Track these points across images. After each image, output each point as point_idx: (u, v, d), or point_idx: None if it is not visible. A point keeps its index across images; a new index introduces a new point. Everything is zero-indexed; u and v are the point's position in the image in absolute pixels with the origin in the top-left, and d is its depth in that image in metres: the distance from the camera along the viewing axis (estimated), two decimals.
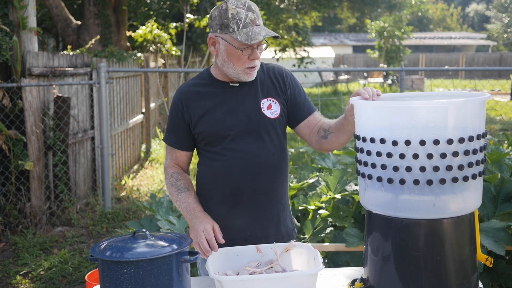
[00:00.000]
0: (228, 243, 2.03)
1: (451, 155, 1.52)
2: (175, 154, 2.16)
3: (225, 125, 2.03)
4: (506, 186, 3.10)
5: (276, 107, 2.08)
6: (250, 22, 1.92)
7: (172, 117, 2.14)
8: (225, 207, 2.08)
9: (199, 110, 2.06)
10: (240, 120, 2.03)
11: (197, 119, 2.06)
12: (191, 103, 2.07)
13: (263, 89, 2.09)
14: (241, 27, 1.92)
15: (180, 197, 2.07)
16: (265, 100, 2.07)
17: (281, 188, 2.12)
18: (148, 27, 8.99)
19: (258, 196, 2.06)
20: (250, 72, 2.01)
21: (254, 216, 2.07)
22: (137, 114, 8.51)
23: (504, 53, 32.44)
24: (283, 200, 2.15)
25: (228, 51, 1.97)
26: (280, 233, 2.13)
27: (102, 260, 1.58)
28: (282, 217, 2.14)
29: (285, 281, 1.65)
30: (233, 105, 2.04)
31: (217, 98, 2.06)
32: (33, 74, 5.19)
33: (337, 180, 3.36)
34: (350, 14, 23.04)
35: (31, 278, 4.25)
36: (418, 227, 1.57)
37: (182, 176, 2.13)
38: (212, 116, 2.04)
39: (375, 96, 1.76)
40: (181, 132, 2.11)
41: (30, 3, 5.45)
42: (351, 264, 3.16)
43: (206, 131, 2.05)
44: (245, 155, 2.02)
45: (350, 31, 41.03)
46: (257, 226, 2.08)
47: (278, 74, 2.13)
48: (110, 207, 5.86)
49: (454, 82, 17.79)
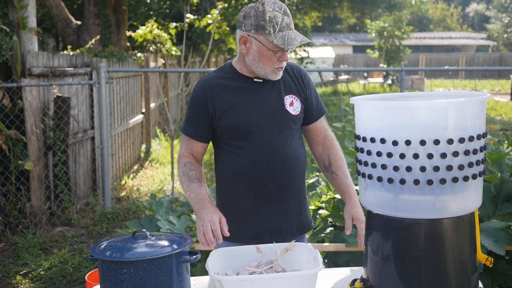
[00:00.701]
0: (254, 237, 2.11)
1: (451, 155, 1.52)
2: (192, 145, 2.17)
3: (250, 120, 2.07)
4: (506, 186, 3.10)
5: (297, 104, 2.14)
6: (286, 26, 1.98)
7: (193, 108, 2.14)
8: (249, 202, 2.12)
9: (223, 103, 2.08)
10: (266, 116, 2.08)
11: (222, 113, 2.08)
12: (215, 95, 2.10)
13: (285, 86, 2.15)
14: (277, 31, 1.98)
15: (190, 187, 2.09)
16: (287, 97, 2.13)
17: (302, 180, 2.21)
18: (148, 27, 9.00)
19: (283, 190, 2.12)
20: (278, 72, 2.08)
21: (279, 209, 2.12)
22: (137, 114, 8.51)
23: (504, 53, 32.45)
24: (303, 192, 2.23)
25: (260, 51, 2.02)
26: (302, 224, 2.21)
27: (102, 260, 1.58)
28: (303, 208, 2.22)
29: (285, 281, 1.65)
30: (258, 101, 2.09)
31: (242, 93, 2.10)
32: (33, 74, 5.19)
33: None
34: (350, 14, 23.04)
35: (31, 278, 4.25)
36: (418, 227, 1.57)
37: (195, 166, 2.15)
38: (237, 110, 2.07)
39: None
40: (202, 124, 2.12)
41: (30, 3, 5.45)
42: (351, 264, 3.16)
43: (231, 125, 2.08)
44: (271, 151, 2.08)
45: (350, 31, 41.03)
46: (282, 218, 2.13)
47: (297, 72, 2.20)
48: (110, 207, 5.86)
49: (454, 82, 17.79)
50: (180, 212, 4.01)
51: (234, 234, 2.11)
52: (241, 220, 2.13)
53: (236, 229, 2.11)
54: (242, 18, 2.05)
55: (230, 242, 2.14)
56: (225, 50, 16.91)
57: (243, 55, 2.09)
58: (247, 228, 2.12)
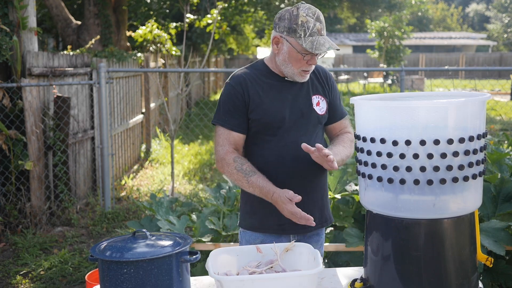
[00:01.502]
0: (278, 228, 2.18)
1: (451, 155, 1.52)
2: (233, 138, 2.18)
3: (281, 117, 2.15)
4: (506, 186, 3.10)
5: (323, 105, 2.24)
6: (317, 31, 2.07)
7: (231, 101, 2.17)
8: None
9: (257, 97, 2.16)
10: (295, 114, 2.17)
11: (254, 106, 2.15)
12: (250, 88, 2.17)
13: (313, 87, 2.25)
14: (308, 35, 2.06)
15: (250, 182, 2.10)
16: (314, 97, 2.23)
17: (324, 177, 2.28)
18: (148, 27, 8.99)
19: (307, 184, 2.19)
20: (305, 75, 2.17)
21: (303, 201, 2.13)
22: (137, 114, 8.51)
23: (504, 53, 32.45)
24: (325, 188, 2.31)
25: (290, 53, 2.11)
26: (323, 217, 2.28)
27: (102, 260, 1.58)
28: (325, 202, 2.30)
29: (285, 281, 1.65)
30: (289, 99, 2.18)
31: (274, 90, 2.18)
32: (33, 74, 5.19)
33: (337, 180, 3.37)
34: (350, 14, 23.05)
35: (31, 278, 4.25)
36: (418, 227, 1.57)
37: (244, 160, 2.17)
38: (269, 105, 2.15)
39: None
40: (241, 115, 2.17)
41: (30, 3, 5.45)
42: (351, 264, 3.16)
43: (262, 119, 2.15)
44: (297, 147, 2.12)
45: (350, 31, 41.03)
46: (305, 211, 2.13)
47: (323, 74, 2.30)
48: (110, 207, 5.86)
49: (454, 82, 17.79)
50: (180, 212, 4.01)
51: (259, 224, 2.22)
52: (266, 212, 2.18)
53: (260, 220, 2.21)
54: (278, 19, 2.15)
55: (255, 232, 2.23)
56: (225, 50, 16.91)
57: (275, 54, 2.18)
58: (271, 219, 2.18)
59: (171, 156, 6.58)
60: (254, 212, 2.23)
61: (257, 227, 2.22)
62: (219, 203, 3.71)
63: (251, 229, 2.24)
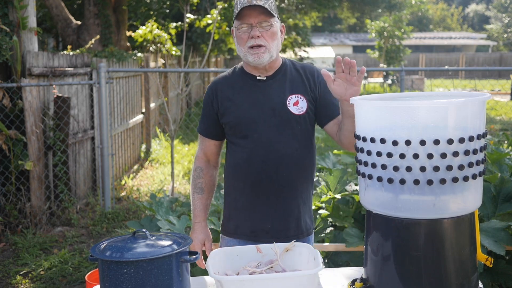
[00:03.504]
0: (250, 234, 2.13)
1: (451, 155, 1.52)
2: (205, 143, 2.24)
3: (249, 117, 2.10)
4: (506, 186, 3.10)
5: (303, 104, 2.12)
6: (246, 2, 2.00)
7: (203, 107, 2.23)
8: (247, 198, 2.14)
9: (226, 101, 2.14)
10: (265, 113, 2.09)
11: (224, 109, 2.14)
12: (219, 93, 2.16)
13: (292, 85, 2.14)
14: (239, 9, 2.02)
15: (193, 198, 2.23)
16: (292, 96, 2.11)
17: (303, 183, 2.15)
18: (148, 27, 8.99)
19: (278, 188, 2.11)
20: (254, 53, 2.05)
21: (274, 207, 2.12)
22: (137, 114, 8.51)
23: (504, 53, 32.45)
24: (304, 195, 2.18)
25: (236, 35, 2.09)
26: (299, 228, 2.18)
27: (102, 260, 1.58)
28: (303, 212, 2.19)
29: (285, 281, 1.65)
30: (259, 99, 2.11)
31: (245, 91, 2.13)
32: (33, 74, 5.19)
33: (337, 180, 3.37)
34: (350, 14, 23.04)
35: (31, 278, 4.25)
36: (418, 227, 1.57)
37: (204, 173, 2.23)
38: (238, 107, 2.11)
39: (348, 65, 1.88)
40: (211, 121, 2.20)
41: (30, 3, 5.45)
42: (351, 264, 3.16)
43: (232, 121, 2.12)
44: (267, 147, 2.08)
45: (350, 31, 41.02)
46: (278, 219, 2.13)
47: (309, 72, 2.19)
48: (110, 207, 5.85)
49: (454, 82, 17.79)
50: (180, 212, 4.01)
51: (233, 230, 2.19)
52: (240, 216, 2.17)
53: (235, 225, 2.18)
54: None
55: (230, 238, 2.20)
56: (225, 50, 16.90)
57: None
58: (245, 224, 2.15)
59: (171, 156, 6.57)
60: (230, 217, 2.20)
61: (232, 232, 2.19)
62: (219, 203, 3.71)
63: (227, 235, 2.21)
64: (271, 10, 2.02)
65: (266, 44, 2.05)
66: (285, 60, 2.22)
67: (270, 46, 2.05)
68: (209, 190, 2.24)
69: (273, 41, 2.06)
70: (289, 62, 2.22)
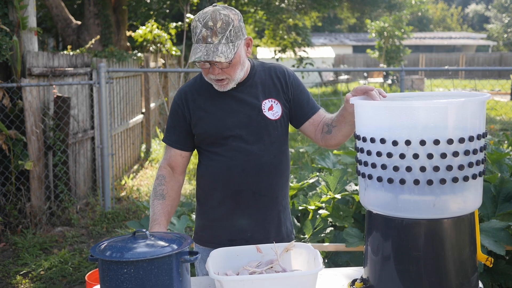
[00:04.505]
0: (229, 244, 2.05)
1: (451, 155, 1.52)
2: (170, 153, 2.14)
3: (226, 126, 2.02)
4: (506, 186, 3.10)
5: (277, 108, 2.06)
6: (202, 38, 1.87)
7: (171, 116, 2.13)
8: (225, 208, 2.08)
9: (199, 110, 2.05)
10: (241, 121, 2.02)
11: (197, 119, 2.05)
12: (191, 103, 2.06)
13: (264, 90, 2.07)
14: (194, 42, 1.91)
15: (152, 205, 2.07)
16: (266, 101, 2.05)
17: (282, 189, 2.12)
18: (148, 27, 8.99)
19: (259, 198, 2.06)
20: (219, 84, 1.98)
21: (255, 217, 2.07)
22: (137, 114, 8.51)
23: (504, 53, 32.45)
24: (283, 202, 2.14)
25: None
26: (280, 235, 2.14)
27: (102, 260, 1.58)
28: (283, 219, 2.15)
29: (285, 281, 1.65)
30: (234, 107, 2.03)
31: (217, 100, 2.04)
32: (33, 74, 5.19)
33: (337, 180, 3.36)
34: (350, 14, 23.03)
35: (31, 278, 4.25)
36: (418, 227, 1.57)
37: (166, 180, 2.10)
38: (213, 117, 2.03)
39: (382, 97, 1.75)
40: (181, 131, 2.10)
41: (30, 3, 5.45)
42: (351, 264, 3.16)
43: (207, 131, 2.04)
44: (247, 157, 2.02)
45: (350, 31, 41.01)
46: (258, 227, 2.09)
47: (279, 74, 2.11)
48: (110, 207, 5.85)
49: (454, 82, 17.79)
50: (180, 212, 4.01)
51: (209, 238, 2.12)
52: (217, 226, 2.10)
53: (212, 234, 2.11)
54: None
55: (205, 247, 2.13)
56: None
57: None
58: (222, 233, 2.08)
59: None
60: (205, 226, 2.13)
61: (208, 241, 2.11)
62: None
63: (202, 244, 2.13)
64: (228, 52, 1.87)
65: (229, 77, 1.96)
66: (253, 63, 2.11)
67: (233, 77, 1.97)
68: (172, 199, 2.09)
69: (235, 71, 1.96)
70: (258, 64, 2.13)
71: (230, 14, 1.91)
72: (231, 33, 1.90)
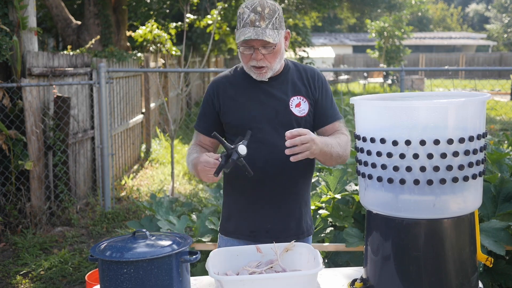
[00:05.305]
0: (250, 234, 2.13)
1: (451, 155, 1.52)
2: (199, 138, 2.23)
3: (252, 117, 2.09)
4: (506, 186, 3.10)
5: (304, 106, 2.13)
6: (249, 22, 1.97)
7: (203, 104, 2.22)
8: (246, 198, 2.13)
9: (228, 100, 2.13)
10: (268, 114, 2.09)
11: (226, 109, 2.13)
12: (222, 92, 2.15)
13: (294, 87, 2.14)
14: (241, 27, 2.00)
15: (189, 159, 2.12)
16: (294, 98, 2.12)
17: (304, 185, 2.17)
18: (148, 27, 8.98)
19: (280, 190, 2.11)
20: (257, 72, 2.06)
21: (276, 209, 2.12)
22: (137, 114, 8.51)
23: (504, 53, 32.46)
24: (305, 197, 2.20)
25: (239, 50, 2.06)
26: (300, 229, 2.18)
27: (102, 260, 1.58)
28: (304, 213, 2.20)
29: (285, 281, 1.65)
30: (262, 100, 2.11)
31: (248, 91, 2.13)
32: (33, 74, 5.19)
33: (337, 180, 3.37)
34: (350, 14, 23.03)
35: (31, 278, 4.25)
36: (418, 227, 1.57)
37: (198, 148, 2.19)
38: (241, 107, 2.11)
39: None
40: (210, 119, 2.18)
41: (30, 3, 5.45)
42: (351, 264, 3.16)
43: (234, 121, 2.11)
44: (270, 149, 2.07)
45: (350, 31, 41.01)
46: (278, 219, 2.12)
47: (310, 75, 2.19)
48: (110, 207, 5.85)
49: (454, 82, 17.79)
50: (180, 212, 4.01)
51: (233, 229, 2.18)
52: (240, 216, 2.16)
53: (235, 225, 2.17)
54: None
55: (229, 237, 2.19)
56: (225, 50, 16.91)
57: None
58: (245, 224, 2.15)
59: (171, 156, 6.58)
60: (230, 217, 2.20)
61: (231, 232, 2.18)
62: (219, 203, 3.71)
63: (226, 235, 2.21)
64: (274, 36, 1.98)
65: (269, 65, 2.05)
66: (287, 62, 2.20)
67: (272, 65, 2.06)
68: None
69: (275, 60, 2.05)
70: (291, 64, 2.21)
71: (275, 4, 2.03)
72: (277, 20, 2.01)
